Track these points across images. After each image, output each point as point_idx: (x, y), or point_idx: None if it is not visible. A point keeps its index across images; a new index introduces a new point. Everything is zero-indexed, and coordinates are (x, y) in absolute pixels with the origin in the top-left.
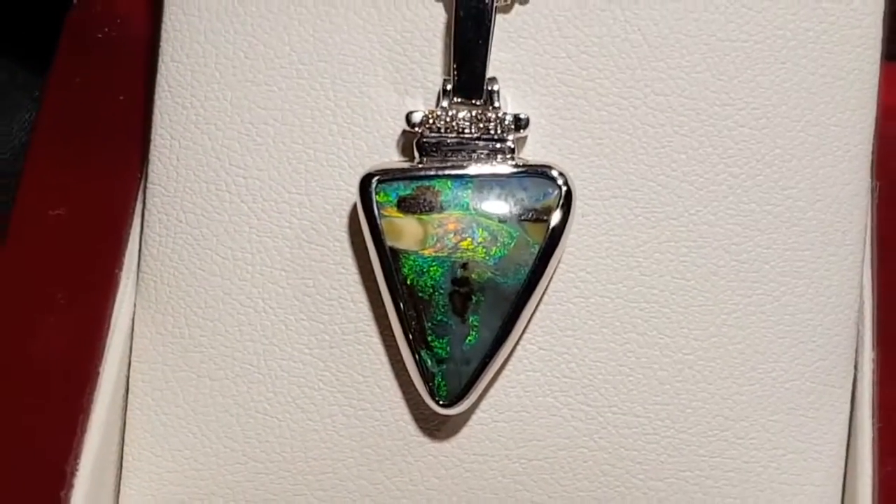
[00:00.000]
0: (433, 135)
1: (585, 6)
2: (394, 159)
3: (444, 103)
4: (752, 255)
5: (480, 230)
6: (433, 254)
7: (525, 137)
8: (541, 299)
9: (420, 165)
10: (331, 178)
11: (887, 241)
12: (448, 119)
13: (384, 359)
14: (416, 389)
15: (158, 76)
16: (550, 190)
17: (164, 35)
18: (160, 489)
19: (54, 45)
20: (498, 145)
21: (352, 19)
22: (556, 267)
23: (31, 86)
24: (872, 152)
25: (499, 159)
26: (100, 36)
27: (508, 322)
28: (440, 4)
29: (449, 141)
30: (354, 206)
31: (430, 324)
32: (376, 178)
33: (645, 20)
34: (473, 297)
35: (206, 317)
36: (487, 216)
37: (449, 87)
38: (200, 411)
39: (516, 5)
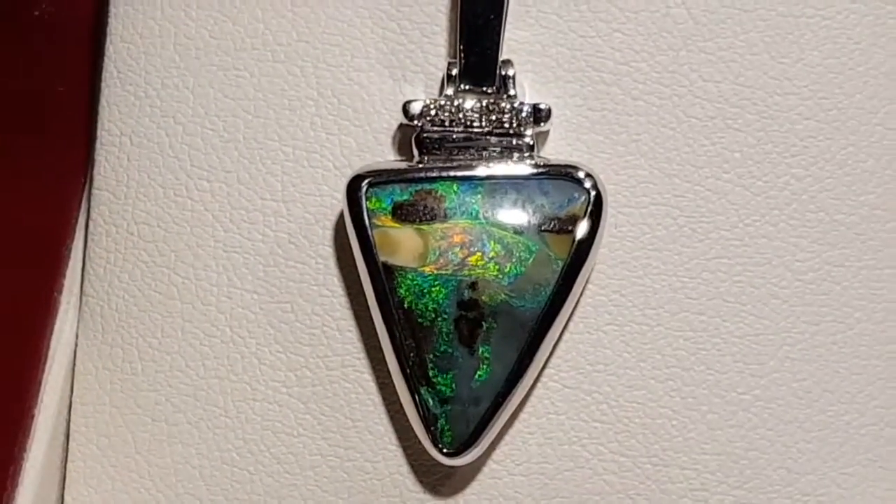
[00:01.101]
0: (435, 129)
1: None
2: (388, 158)
3: (449, 91)
4: (821, 275)
5: (492, 243)
6: (435, 271)
7: (546, 132)
8: (565, 327)
9: (420, 165)
10: (313, 182)
11: None
12: (453, 110)
13: (377, 399)
14: (416, 436)
15: (106, 60)
16: (576, 195)
17: (112, 11)
18: None
19: None
20: (514, 141)
21: None
22: (584, 288)
23: None
24: None
25: (515, 158)
26: (36, 13)
27: (526, 354)
28: None
29: (454, 136)
30: (341, 215)
31: (431, 356)
32: (367, 180)
33: None
34: (484, 323)
35: (163, 349)
36: (501, 226)
37: (455, 71)
38: (156, 463)
39: None
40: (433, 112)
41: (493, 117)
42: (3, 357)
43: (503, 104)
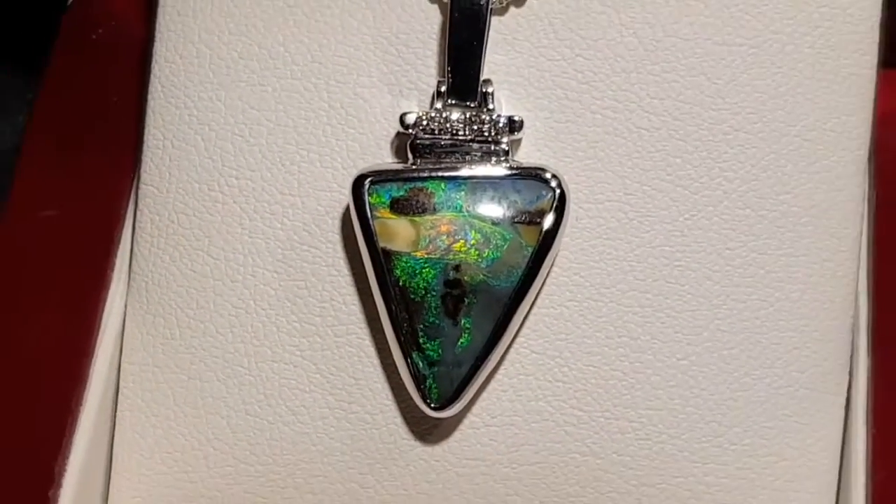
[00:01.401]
0: (427, 136)
1: (581, 9)
2: (387, 161)
3: (439, 105)
4: (747, 261)
5: (473, 232)
6: (426, 255)
7: (519, 140)
8: (533, 302)
9: (413, 167)
10: (323, 180)
11: (884, 249)
12: (442, 121)
13: (376, 361)
14: (408, 392)
15: (152, 77)
16: (544, 192)
17: (157, 36)
18: (149, 491)
19: (49, 47)
20: (492, 147)
21: (346, 20)
22: (549, 270)
23: (25, 88)
24: (869, 159)
25: (493, 161)
26: (94, 37)
27: (501, 325)
28: (435, 6)
29: (443, 143)
30: (347, 208)
31: (422, 326)
32: (369, 179)
33: (640, 23)
34: (466, 299)
35: (197, 318)
36: (481, 218)
37: (443, 88)
38: (190, 413)
39: (511, 7)
40: (425, 122)
41: (475, 127)
42: (63, 324)
43: (483, 116)
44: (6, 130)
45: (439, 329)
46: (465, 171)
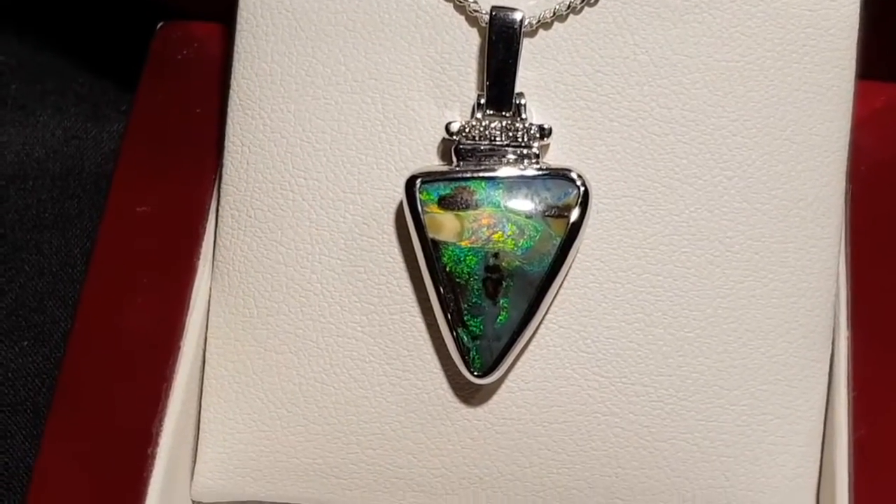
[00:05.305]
0: (469, 142)
1: (599, 31)
2: (434, 163)
3: (479, 115)
4: (744, 247)
5: (510, 225)
6: (469, 245)
7: (548, 145)
8: (561, 284)
9: (458, 169)
10: (379, 180)
11: (859, 236)
12: (482, 129)
13: (426, 336)
14: (454, 362)
15: (231, 91)
16: (570, 190)
17: (236, 56)
18: (232, 448)
19: (141, 65)
20: (524, 151)
21: (398, 42)
22: (575, 257)
23: (120, 100)
24: (847, 159)
25: (525, 164)
26: (179, 57)
27: (534, 304)
28: (475, 30)
29: (482, 147)
30: (400, 204)
31: (466, 305)
32: (420, 179)
33: (651, 43)
34: (504, 282)
35: (272, 299)
36: (516, 212)
37: (482, 101)
38: (266, 380)
39: (541, 30)
40: (467, 130)
41: (510, 134)
42: (157, 304)
43: (517, 124)
44: (103, 137)
45: (481, 308)
46: (502, 172)
